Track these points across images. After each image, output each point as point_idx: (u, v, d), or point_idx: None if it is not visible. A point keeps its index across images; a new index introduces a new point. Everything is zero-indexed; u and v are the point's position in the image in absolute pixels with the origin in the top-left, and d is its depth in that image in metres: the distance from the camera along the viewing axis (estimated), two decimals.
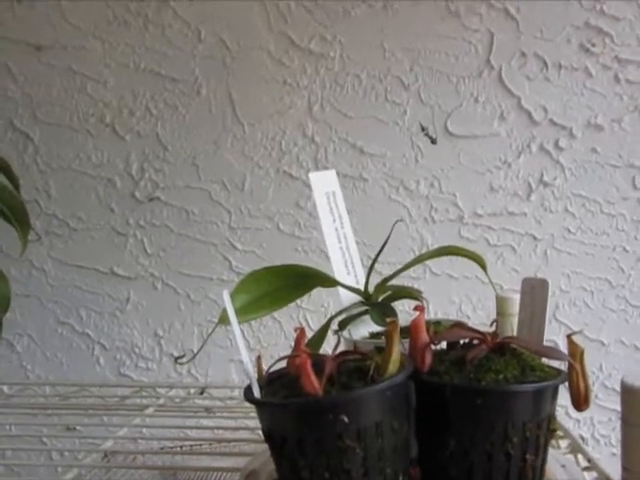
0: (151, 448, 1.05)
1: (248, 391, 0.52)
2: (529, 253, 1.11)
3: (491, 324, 0.60)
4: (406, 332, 0.55)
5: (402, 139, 1.11)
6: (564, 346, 0.55)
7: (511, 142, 1.10)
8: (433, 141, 1.10)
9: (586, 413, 1.12)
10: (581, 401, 0.54)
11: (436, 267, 1.11)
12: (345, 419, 0.48)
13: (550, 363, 0.55)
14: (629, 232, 1.09)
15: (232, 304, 0.55)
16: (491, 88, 1.09)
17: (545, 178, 1.10)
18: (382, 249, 0.70)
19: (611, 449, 1.12)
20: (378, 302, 0.69)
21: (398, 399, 0.51)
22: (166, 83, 1.14)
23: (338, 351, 0.53)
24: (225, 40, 1.12)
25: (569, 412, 1.09)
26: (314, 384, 0.48)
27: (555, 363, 0.55)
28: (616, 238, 1.10)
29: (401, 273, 0.72)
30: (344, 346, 0.64)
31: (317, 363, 0.50)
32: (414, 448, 0.53)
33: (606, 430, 1.13)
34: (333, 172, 0.72)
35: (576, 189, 1.10)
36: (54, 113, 1.15)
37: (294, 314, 1.14)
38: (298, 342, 0.54)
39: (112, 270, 1.17)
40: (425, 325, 0.55)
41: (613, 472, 0.62)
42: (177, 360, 1.15)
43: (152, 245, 1.16)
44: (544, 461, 0.54)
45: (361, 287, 0.70)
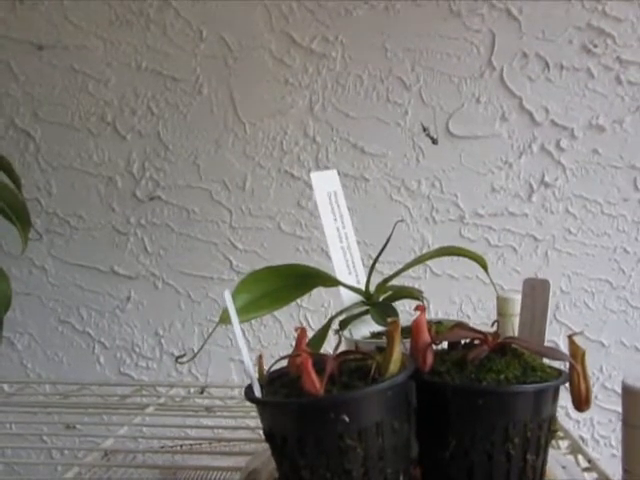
0: (151, 447, 1.05)
1: (249, 390, 0.52)
2: (530, 254, 1.11)
3: (492, 324, 0.60)
4: (407, 332, 0.55)
5: (403, 139, 1.11)
6: (565, 347, 0.55)
7: (512, 143, 1.10)
8: (434, 141, 1.10)
9: (586, 414, 1.12)
10: (582, 402, 0.54)
11: (437, 267, 1.11)
12: (346, 419, 0.48)
13: (551, 364, 0.55)
14: (630, 233, 1.09)
15: (233, 304, 0.55)
16: (493, 89, 1.09)
17: (546, 179, 1.10)
18: (383, 249, 0.70)
19: (611, 450, 1.13)
20: (379, 302, 0.69)
21: (399, 399, 0.51)
22: (167, 82, 1.14)
23: (339, 351, 0.53)
24: (227, 39, 1.12)
25: (569, 413, 1.09)
26: (315, 384, 0.48)
27: (556, 364, 0.55)
28: (617, 239, 1.10)
29: (402, 273, 0.72)
30: (345, 346, 0.64)
31: (318, 363, 0.50)
32: (415, 448, 0.53)
33: (606, 431, 1.13)
34: (334, 172, 0.72)
35: (577, 190, 1.10)
36: (55, 112, 1.16)
37: (295, 314, 1.14)
38: (299, 342, 0.54)
39: (113, 269, 1.17)
40: (426, 325, 0.55)
41: (613, 473, 0.62)
42: (177, 360, 1.15)
43: (153, 244, 1.16)
44: (544, 462, 0.54)
45: (362, 287, 0.70)
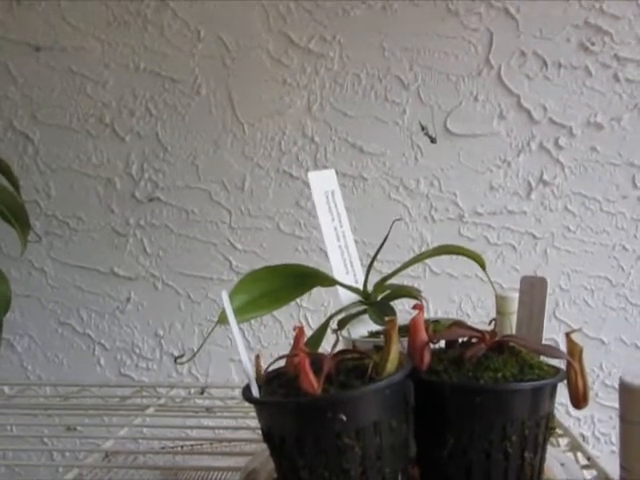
0: (152, 448, 1.06)
1: (247, 390, 0.52)
2: (529, 252, 1.11)
3: (489, 322, 0.60)
4: (405, 331, 0.55)
5: (402, 138, 1.11)
6: (564, 345, 0.55)
7: (511, 141, 1.10)
8: (433, 140, 1.10)
9: (587, 412, 1.12)
10: (580, 399, 0.54)
11: (436, 266, 1.11)
12: (343, 418, 0.48)
13: (549, 361, 0.55)
14: (629, 230, 1.09)
15: (231, 304, 0.55)
16: (490, 87, 1.09)
17: (545, 177, 1.10)
18: (380, 248, 0.70)
19: (611, 447, 1.12)
20: (377, 301, 0.69)
21: (397, 398, 0.51)
22: (166, 83, 1.14)
23: (337, 350, 0.53)
24: (224, 40, 1.12)
25: (569, 411, 1.09)
26: (312, 383, 0.48)
27: (554, 361, 0.55)
28: (616, 236, 1.10)
29: (401, 272, 0.72)
30: (343, 345, 0.64)
31: (316, 362, 0.50)
32: (413, 447, 0.53)
33: (606, 428, 1.13)
34: (332, 171, 0.72)
35: (576, 187, 1.10)
36: (54, 114, 1.16)
37: (294, 313, 1.14)
38: (297, 341, 0.54)
39: (112, 270, 1.17)
40: (424, 324, 0.55)
41: (613, 470, 0.62)
42: (177, 360, 1.15)
43: (152, 245, 1.16)
44: (543, 459, 0.54)
45: (360, 286, 0.70)
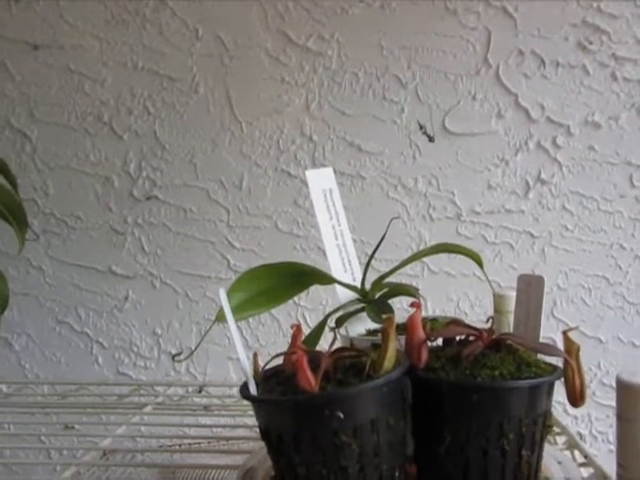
0: (150, 446, 1.05)
1: (244, 388, 0.52)
2: (527, 250, 1.11)
3: (487, 321, 0.60)
4: (403, 329, 0.55)
5: (400, 137, 1.11)
6: (562, 343, 0.55)
7: (509, 140, 1.10)
8: (431, 139, 1.10)
9: (584, 410, 1.12)
10: (577, 397, 0.54)
11: (434, 264, 1.12)
12: (341, 415, 0.48)
13: (546, 359, 0.56)
14: (626, 229, 1.10)
15: (229, 302, 0.55)
16: (489, 86, 1.09)
17: (543, 176, 1.10)
18: (378, 246, 0.70)
19: (609, 446, 1.13)
20: (375, 299, 0.69)
21: (394, 395, 0.51)
22: (164, 82, 1.14)
23: (334, 348, 0.54)
24: (223, 38, 1.12)
25: (567, 409, 1.09)
26: (310, 381, 0.48)
27: (551, 359, 0.56)
28: (613, 235, 1.10)
29: (399, 270, 0.72)
30: (341, 343, 0.64)
31: (313, 360, 0.50)
32: (410, 444, 0.54)
33: (604, 427, 1.13)
34: (330, 169, 0.72)
35: (573, 186, 1.10)
36: (52, 112, 1.16)
37: (293, 312, 1.14)
38: (294, 339, 0.54)
39: (110, 269, 1.17)
40: (422, 322, 0.55)
41: (610, 468, 0.62)
42: (174, 357, 1.15)
43: (150, 244, 1.16)
44: (540, 457, 0.55)
45: (358, 284, 0.70)
